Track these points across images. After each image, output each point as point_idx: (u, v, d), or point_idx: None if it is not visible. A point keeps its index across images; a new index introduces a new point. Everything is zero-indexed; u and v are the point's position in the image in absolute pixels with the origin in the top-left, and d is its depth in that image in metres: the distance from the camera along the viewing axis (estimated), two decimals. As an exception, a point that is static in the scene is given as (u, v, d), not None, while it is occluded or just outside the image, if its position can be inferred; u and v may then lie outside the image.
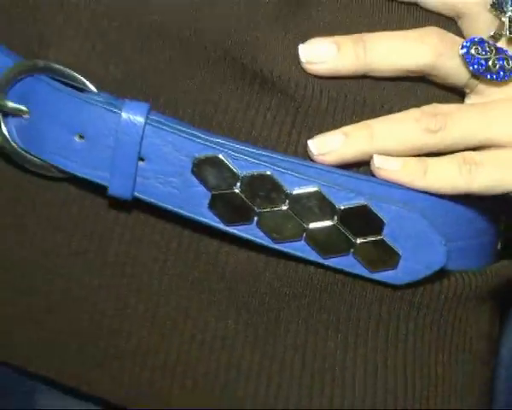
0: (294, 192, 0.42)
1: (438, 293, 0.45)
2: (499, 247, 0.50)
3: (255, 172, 0.42)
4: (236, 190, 0.42)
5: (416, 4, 0.44)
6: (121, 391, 0.45)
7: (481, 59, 0.44)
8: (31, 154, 0.43)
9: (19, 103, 0.43)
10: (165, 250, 0.44)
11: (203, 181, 0.42)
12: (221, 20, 0.42)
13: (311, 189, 0.42)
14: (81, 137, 0.42)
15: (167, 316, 0.44)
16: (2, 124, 0.43)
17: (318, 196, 0.42)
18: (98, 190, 0.43)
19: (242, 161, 0.41)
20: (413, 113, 0.43)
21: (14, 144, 0.44)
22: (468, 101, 0.46)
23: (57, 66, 0.43)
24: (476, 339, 0.48)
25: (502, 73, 0.45)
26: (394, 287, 0.44)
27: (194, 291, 0.44)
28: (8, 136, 0.43)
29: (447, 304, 0.46)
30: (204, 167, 0.42)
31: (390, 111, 0.44)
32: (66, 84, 0.43)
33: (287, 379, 0.44)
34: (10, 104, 0.43)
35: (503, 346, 0.61)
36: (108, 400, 0.46)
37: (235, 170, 0.42)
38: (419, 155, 0.44)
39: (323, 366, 0.44)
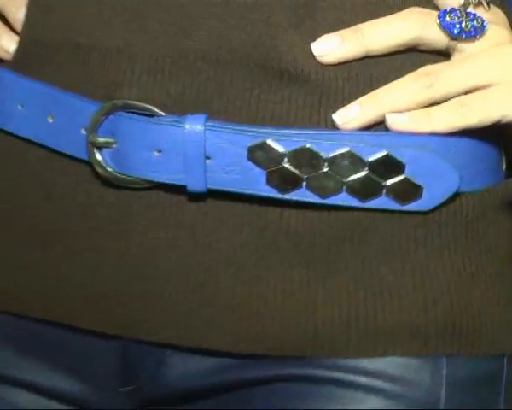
0: (330, 156, 0.53)
1: (458, 210, 0.56)
2: (504, 168, 0.61)
3: (297, 147, 0.53)
4: (285, 165, 0.53)
5: None
6: (231, 340, 0.56)
7: (456, 23, 0.55)
8: (123, 173, 0.55)
9: (107, 137, 0.55)
10: (240, 225, 0.55)
11: (258, 163, 0.53)
12: (248, 34, 0.53)
13: (343, 150, 0.53)
14: (158, 151, 0.54)
15: (251, 274, 0.55)
16: (98, 155, 0.56)
17: (349, 155, 0.53)
18: (179, 189, 0.55)
19: (285, 141, 0.53)
20: (410, 76, 0.55)
21: (109, 169, 0.56)
22: (453, 59, 0.57)
23: (132, 102, 0.55)
24: (500, 239, 0.59)
25: (474, 31, 0.56)
26: (423, 213, 0.55)
27: (267, 251, 0.55)
28: (103, 163, 0.56)
29: (466, 218, 0.57)
30: (256, 153, 0.53)
31: (392, 80, 0.55)
32: (140, 114, 0.55)
33: (354, 304, 0.55)
34: (101, 139, 0.55)
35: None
36: (220, 349, 0.56)
37: (281, 149, 0.53)
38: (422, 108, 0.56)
39: (381, 287, 0.55)
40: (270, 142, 0.53)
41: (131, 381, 0.61)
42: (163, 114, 0.54)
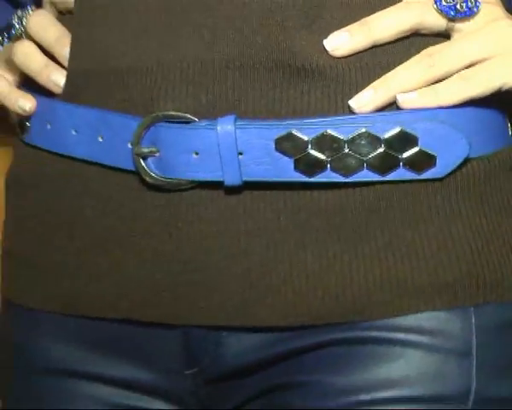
0: (349, 138, 0.59)
1: (471, 175, 0.62)
2: (510, 133, 0.67)
3: (318, 134, 0.59)
4: (310, 151, 0.60)
5: None
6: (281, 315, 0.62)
7: (451, 5, 0.61)
8: (167, 178, 0.62)
9: (150, 147, 0.62)
10: (276, 211, 0.61)
11: (285, 153, 0.60)
12: (265, 39, 0.60)
13: (360, 131, 0.59)
14: (196, 153, 0.61)
15: (290, 254, 0.61)
16: (144, 164, 0.63)
17: (366, 135, 0.59)
18: (218, 186, 0.62)
19: (307, 129, 0.59)
20: (415, 59, 0.61)
21: (155, 175, 0.62)
22: (452, 39, 0.63)
23: (170, 112, 0.61)
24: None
25: (468, 11, 0.62)
26: (439, 180, 0.61)
27: (303, 232, 0.61)
28: (149, 171, 0.63)
29: (479, 181, 0.62)
30: (283, 143, 0.60)
31: (399, 64, 0.61)
32: (177, 122, 0.61)
33: (386, 268, 0.61)
34: (145, 149, 0.62)
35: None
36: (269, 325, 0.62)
37: (304, 137, 0.59)
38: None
39: (408, 251, 0.61)
40: (294, 132, 0.59)
41: (195, 364, 0.67)
42: (197, 119, 0.61)
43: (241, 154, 0.60)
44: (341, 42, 0.60)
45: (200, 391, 0.69)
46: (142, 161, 0.63)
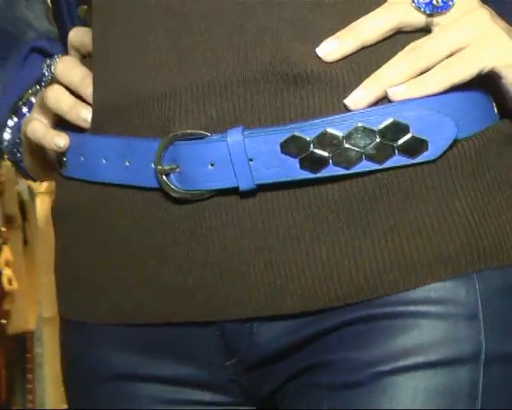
0: (346, 133, 0.65)
1: (462, 154, 0.67)
2: (495, 111, 0.72)
3: (319, 133, 0.65)
4: (313, 150, 0.66)
5: None
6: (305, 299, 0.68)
7: (427, 2, 0.67)
8: (188, 190, 0.69)
9: (171, 164, 0.69)
10: (289, 209, 0.67)
11: (291, 154, 0.66)
12: (263, 54, 0.66)
13: (356, 126, 0.65)
14: (212, 164, 0.67)
15: (306, 245, 0.67)
16: (167, 180, 0.70)
17: (362, 129, 0.65)
18: (234, 191, 0.68)
19: (309, 130, 0.65)
20: (400, 55, 0.67)
21: (177, 189, 0.69)
22: (432, 33, 0.68)
23: (185, 131, 0.68)
24: (504, 171, 0.69)
25: (444, 5, 0.67)
26: (432, 162, 0.66)
27: (315, 224, 0.67)
28: (172, 186, 0.69)
29: (470, 159, 0.67)
30: (288, 146, 0.66)
31: (387, 61, 0.67)
32: (192, 139, 0.68)
33: (393, 248, 0.66)
34: (167, 167, 0.69)
35: None
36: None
37: (307, 138, 0.65)
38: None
39: (411, 229, 0.66)
40: (296, 134, 0.65)
41: (233, 355, 0.73)
42: (209, 134, 0.68)
43: (251, 160, 0.66)
44: (332, 48, 0.67)
45: (241, 379, 0.75)
46: (165, 178, 0.69)
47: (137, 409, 0.77)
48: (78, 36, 0.82)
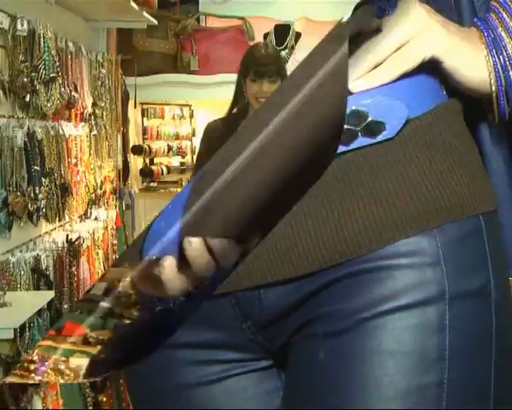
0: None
1: (415, 129, 0.80)
2: (444, 92, 0.85)
3: None
4: None
5: None
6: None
7: (378, 7, 0.80)
8: None
9: None
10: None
11: None
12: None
13: None
14: None
15: (297, 221, 0.81)
16: None
17: None
18: None
19: None
20: (357, 54, 0.80)
21: None
22: (382, 33, 0.82)
23: None
24: (452, 139, 0.82)
25: (389, 8, 0.81)
26: (391, 139, 0.80)
27: (305, 202, 0.80)
28: None
29: (422, 133, 0.81)
30: None
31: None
32: None
33: (365, 214, 0.79)
34: None
35: None
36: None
37: None
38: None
39: (380, 196, 0.79)
40: None
41: (248, 318, 0.88)
42: None
43: None
44: None
45: (257, 338, 0.89)
46: None
47: (180, 370, 0.93)
48: None
